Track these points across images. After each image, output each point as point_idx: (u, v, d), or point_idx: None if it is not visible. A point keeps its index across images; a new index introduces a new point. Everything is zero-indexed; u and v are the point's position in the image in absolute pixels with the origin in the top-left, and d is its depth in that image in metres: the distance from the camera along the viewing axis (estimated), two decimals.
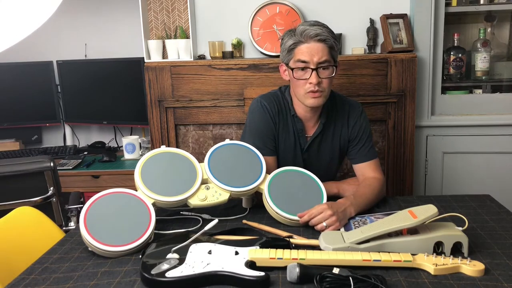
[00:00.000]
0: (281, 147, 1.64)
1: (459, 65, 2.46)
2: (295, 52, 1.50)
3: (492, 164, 2.42)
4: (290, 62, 1.53)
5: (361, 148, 1.63)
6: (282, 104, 1.63)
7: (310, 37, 1.47)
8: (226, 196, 1.39)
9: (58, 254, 1.22)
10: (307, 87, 1.50)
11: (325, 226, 1.29)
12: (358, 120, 1.65)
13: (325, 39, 1.48)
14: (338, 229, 1.30)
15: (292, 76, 1.54)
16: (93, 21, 2.82)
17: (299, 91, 1.53)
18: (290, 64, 1.53)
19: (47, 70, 2.81)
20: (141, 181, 1.33)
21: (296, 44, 1.50)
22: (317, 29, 1.48)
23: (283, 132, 1.63)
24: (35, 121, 2.89)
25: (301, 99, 1.55)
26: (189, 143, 2.40)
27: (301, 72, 1.50)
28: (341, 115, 1.64)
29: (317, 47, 1.48)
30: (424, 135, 2.42)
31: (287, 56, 1.54)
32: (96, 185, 2.46)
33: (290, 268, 1.01)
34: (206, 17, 2.49)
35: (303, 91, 1.52)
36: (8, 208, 1.62)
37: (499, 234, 1.25)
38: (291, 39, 1.51)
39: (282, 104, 1.63)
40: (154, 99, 2.33)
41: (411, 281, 1.02)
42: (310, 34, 1.47)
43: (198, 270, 1.02)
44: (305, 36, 1.48)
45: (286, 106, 1.63)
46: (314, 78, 1.48)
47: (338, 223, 1.30)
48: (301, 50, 1.49)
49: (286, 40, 1.53)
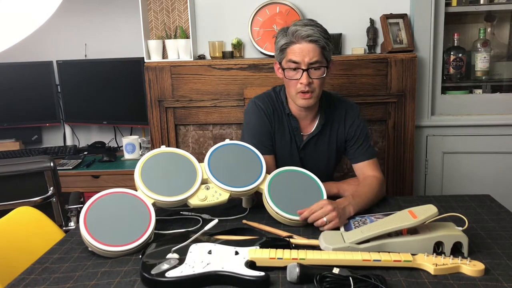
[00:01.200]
0: (278, 146, 1.65)
1: (459, 65, 2.46)
2: (287, 52, 1.51)
3: (492, 164, 2.42)
4: (283, 62, 1.54)
5: (359, 147, 1.64)
6: (276, 104, 1.65)
7: (302, 38, 1.47)
8: (226, 196, 1.39)
9: (58, 254, 1.22)
10: (298, 87, 1.51)
11: (325, 221, 1.29)
12: (355, 120, 1.66)
13: (317, 40, 1.48)
14: (338, 227, 1.30)
15: (283, 75, 1.55)
16: (93, 21, 2.82)
17: (291, 90, 1.55)
18: (282, 64, 1.54)
19: (47, 70, 2.81)
20: (141, 181, 1.33)
21: (288, 44, 1.50)
22: (309, 29, 1.47)
23: (278, 131, 1.64)
24: (35, 121, 2.89)
25: (293, 98, 1.57)
26: (189, 143, 2.40)
27: (292, 72, 1.51)
28: (338, 114, 1.65)
29: (309, 47, 1.48)
30: (424, 135, 2.42)
31: (280, 55, 1.55)
32: (96, 185, 2.45)
33: (290, 268, 1.01)
34: (206, 17, 2.49)
35: (294, 91, 1.53)
36: (8, 208, 1.62)
37: (499, 234, 1.25)
38: (284, 38, 1.51)
39: (276, 103, 1.65)
40: (154, 99, 2.34)
41: (411, 281, 1.02)
42: (302, 35, 1.47)
43: (198, 270, 1.02)
44: (297, 37, 1.48)
45: (281, 105, 1.64)
46: (304, 79, 1.49)
47: (338, 219, 1.30)
48: (292, 51, 1.49)
49: (279, 39, 1.53)
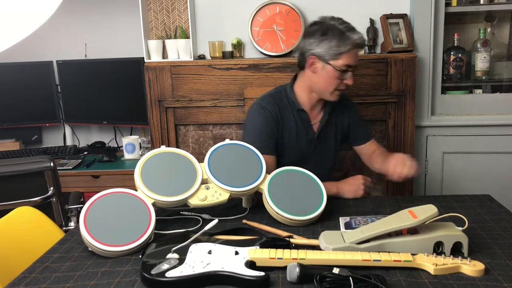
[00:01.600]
0: (287, 143, 1.70)
1: (459, 65, 2.46)
2: (345, 56, 1.56)
3: (492, 164, 2.42)
4: (333, 62, 1.57)
5: (363, 129, 1.82)
6: (284, 101, 1.70)
7: (358, 45, 1.60)
8: (226, 196, 1.39)
9: (59, 253, 1.22)
10: (340, 86, 1.62)
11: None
12: (353, 105, 1.83)
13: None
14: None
15: (327, 74, 1.59)
16: (93, 21, 2.82)
17: (328, 88, 1.62)
18: (332, 63, 1.57)
19: (47, 70, 2.81)
20: (141, 181, 1.33)
21: (348, 50, 1.56)
22: (362, 37, 1.59)
23: (287, 129, 1.69)
24: (35, 121, 2.89)
25: (324, 94, 1.65)
26: (189, 143, 2.40)
27: (341, 73, 1.59)
28: (339, 102, 1.72)
29: (358, 52, 1.63)
30: (424, 135, 2.42)
31: (333, 56, 1.57)
32: (96, 185, 2.45)
33: (290, 268, 1.01)
34: (206, 17, 2.49)
35: (332, 88, 1.62)
36: (8, 208, 1.62)
37: (499, 234, 1.25)
38: (345, 43, 1.55)
39: (285, 101, 1.70)
40: (154, 99, 2.34)
41: (411, 281, 1.02)
42: (358, 43, 1.58)
43: (198, 270, 1.02)
44: (354, 44, 1.57)
45: (290, 102, 1.70)
46: (351, 80, 1.61)
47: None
48: (350, 56, 1.57)
49: (336, 42, 1.56)
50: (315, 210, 1.36)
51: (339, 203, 1.52)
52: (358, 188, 1.59)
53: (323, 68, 1.59)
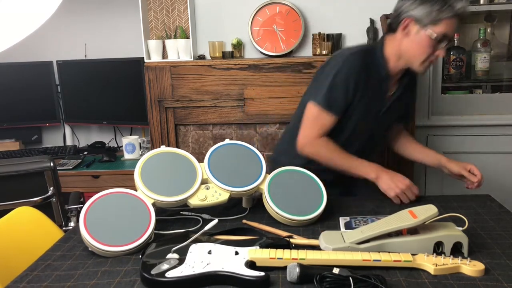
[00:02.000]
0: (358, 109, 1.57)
1: (459, 65, 2.46)
2: (444, 23, 1.42)
3: (492, 164, 2.42)
4: (431, 27, 1.44)
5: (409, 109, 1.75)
6: (373, 64, 1.55)
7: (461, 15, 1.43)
8: (226, 196, 1.39)
9: (61, 251, 1.22)
10: (430, 57, 1.48)
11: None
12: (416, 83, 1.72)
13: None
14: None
15: (420, 40, 1.46)
16: (93, 21, 2.82)
17: (419, 56, 1.49)
18: (430, 30, 1.44)
19: (47, 70, 2.81)
20: (141, 181, 1.33)
21: (450, 17, 1.42)
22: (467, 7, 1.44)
23: (365, 92, 1.55)
24: (35, 121, 2.89)
25: (414, 63, 1.51)
26: (189, 143, 2.40)
27: (435, 42, 1.45)
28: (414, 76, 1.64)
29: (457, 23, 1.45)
30: (424, 135, 2.42)
31: (432, 21, 1.43)
32: (96, 185, 2.45)
33: (290, 268, 1.01)
34: (206, 17, 2.49)
35: (422, 58, 1.48)
36: (8, 208, 1.62)
37: (499, 234, 1.25)
38: (448, 9, 1.41)
39: (373, 63, 1.55)
40: (154, 99, 2.34)
41: (411, 281, 1.01)
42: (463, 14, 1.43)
43: (198, 270, 1.02)
44: (460, 14, 1.42)
45: (379, 67, 1.56)
46: (443, 52, 1.47)
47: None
48: (449, 24, 1.43)
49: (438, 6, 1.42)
50: (315, 210, 1.36)
51: (339, 203, 1.52)
52: (396, 188, 1.49)
53: (417, 33, 1.46)
